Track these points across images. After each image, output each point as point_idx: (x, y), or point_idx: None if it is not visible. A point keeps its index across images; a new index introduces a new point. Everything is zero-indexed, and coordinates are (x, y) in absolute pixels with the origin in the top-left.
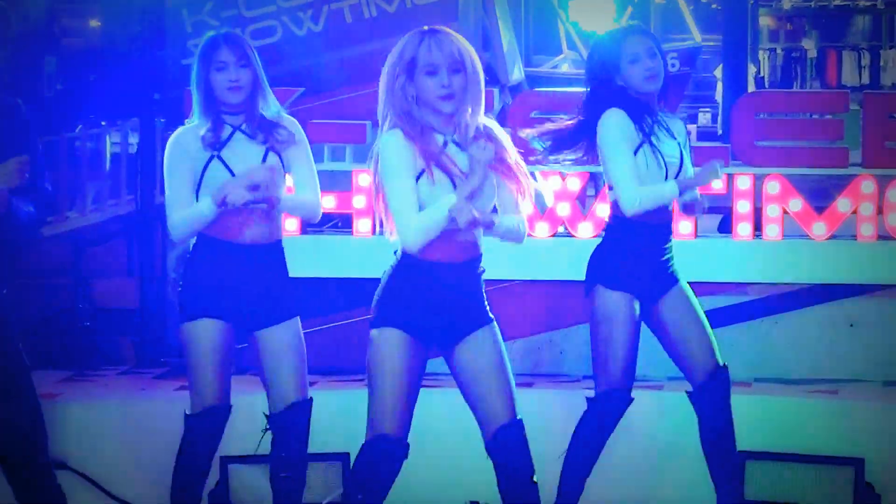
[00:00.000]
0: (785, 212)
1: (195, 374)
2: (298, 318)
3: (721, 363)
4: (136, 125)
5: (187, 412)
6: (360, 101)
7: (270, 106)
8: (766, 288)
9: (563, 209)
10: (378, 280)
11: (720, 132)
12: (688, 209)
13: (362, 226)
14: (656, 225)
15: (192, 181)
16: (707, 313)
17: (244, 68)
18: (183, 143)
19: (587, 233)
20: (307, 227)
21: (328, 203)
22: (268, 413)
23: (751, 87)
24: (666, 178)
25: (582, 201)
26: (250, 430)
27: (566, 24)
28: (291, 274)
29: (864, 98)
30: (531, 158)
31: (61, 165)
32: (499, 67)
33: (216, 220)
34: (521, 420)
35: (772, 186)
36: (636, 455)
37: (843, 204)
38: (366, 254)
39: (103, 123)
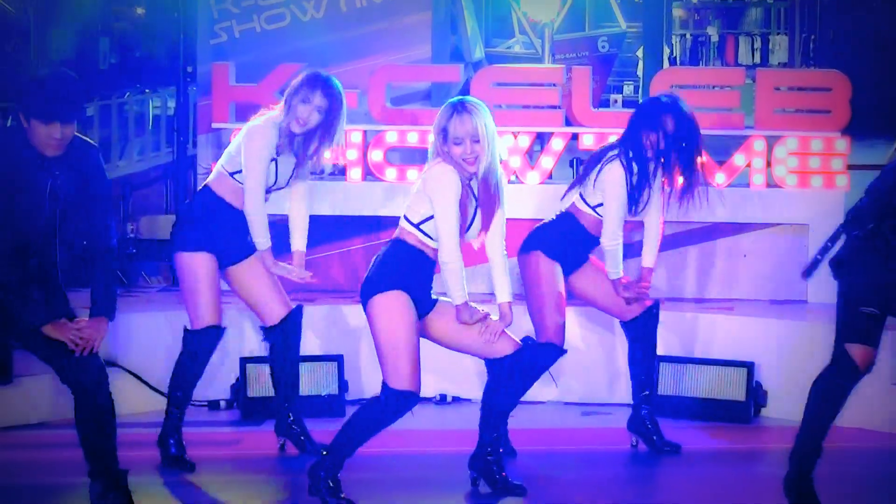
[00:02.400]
0: None
1: (198, 296)
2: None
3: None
4: (173, 93)
5: (188, 328)
6: (353, 73)
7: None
8: (678, 225)
9: (515, 161)
10: (365, 218)
11: (640, 101)
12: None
13: (354, 174)
14: (594, 237)
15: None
16: (628, 245)
17: (318, 115)
18: (265, 135)
19: (534, 180)
20: (311, 174)
21: (326, 154)
22: (264, 326)
23: (665, 65)
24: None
25: (530, 155)
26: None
27: (518, 12)
28: None
29: (757, 74)
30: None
31: (113, 124)
32: (464, 47)
33: (227, 190)
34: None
35: None
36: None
37: (739, 158)
38: (357, 196)
39: (147, 91)
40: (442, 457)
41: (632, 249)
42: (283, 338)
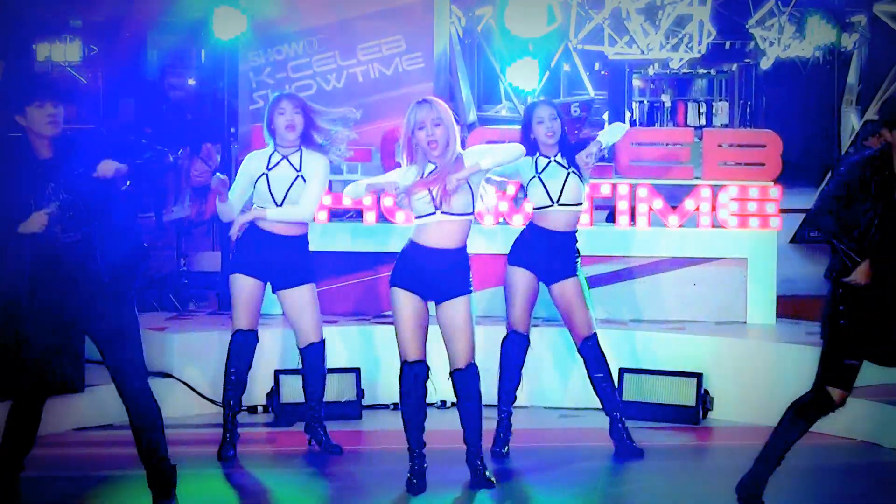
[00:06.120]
0: (650, 209)
1: (236, 306)
2: (313, 284)
3: (592, 332)
4: (219, 149)
5: (235, 329)
6: (368, 133)
7: (320, 138)
8: (637, 259)
9: (503, 206)
10: (378, 253)
11: (607, 156)
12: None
13: (369, 216)
14: (552, 232)
15: (246, 185)
16: (600, 275)
17: (298, 114)
18: (253, 159)
19: (519, 222)
20: (333, 216)
21: (347, 202)
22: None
23: (627, 126)
24: (550, 198)
25: (515, 201)
26: (293, 353)
27: (504, 83)
28: (323, 249)
29: (703, 134)
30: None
31: (169, 176)
32: (460, 112)
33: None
34: (474, 364)
35: (641, 191)
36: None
37: (689, 203)
38: (371, 235)
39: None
40: (441, 452)
41: (603, 278)
42: (310, 360)
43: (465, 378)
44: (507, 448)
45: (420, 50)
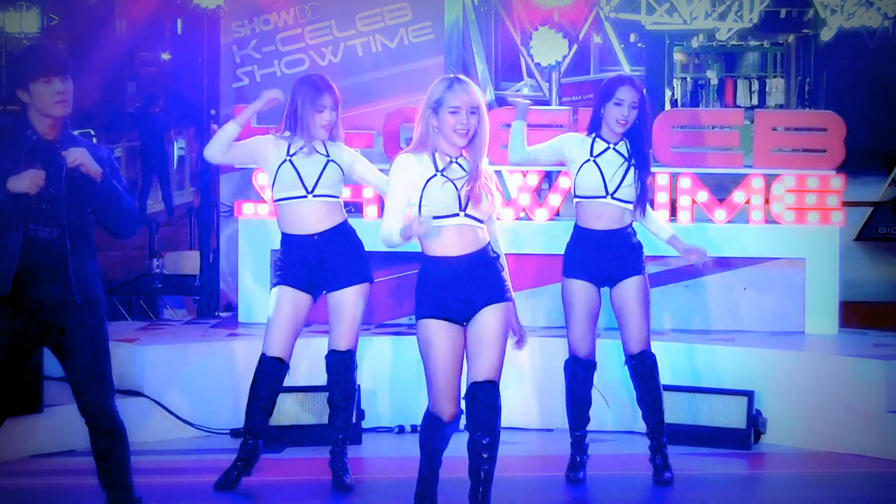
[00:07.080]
0: (694, 201)
1: (271, 326)
2: (365, 283)
3: (642, 349)
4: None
5: (263, 352)
6: (369, 115)
7: (339, 135)
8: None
9: (524, 199)
10: (382, 253)
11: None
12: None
13: (370, 211)
14: (604, 232)
15: (253, 151)
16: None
17: (334, 113)
18: (271, 142)
19: (542, 217)
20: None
21: (345, 193)
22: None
23: (667, 107)
24: (606, 187)
25: (538, 193)
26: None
27: (526, 57)
28: None
29: (755, 115)
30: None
31: (139, 165)
32: None
33: (290, 220)
34: (495, 383)
35: (684, 182)
36: None
37: (738, 196)
38: (373, 233)
39: (172, 132)
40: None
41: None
42: (328, 368)
43: (484, 391)
44: (582, 473)
45: (429, 19)
